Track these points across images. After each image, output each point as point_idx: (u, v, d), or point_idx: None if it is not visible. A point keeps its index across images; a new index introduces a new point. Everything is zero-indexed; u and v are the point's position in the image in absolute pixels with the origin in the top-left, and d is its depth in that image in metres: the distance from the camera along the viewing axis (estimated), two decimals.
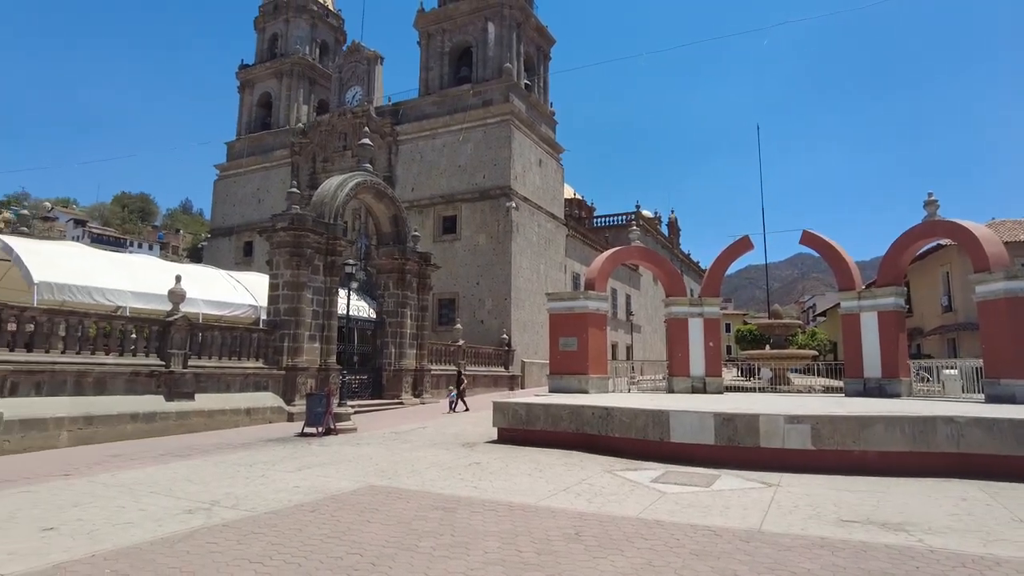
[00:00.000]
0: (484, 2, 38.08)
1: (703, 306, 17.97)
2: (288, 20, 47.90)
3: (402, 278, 24.39)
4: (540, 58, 42.00)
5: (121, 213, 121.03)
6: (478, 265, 34.75)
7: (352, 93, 41.67)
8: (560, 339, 17.29)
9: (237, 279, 23.55)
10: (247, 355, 18.28)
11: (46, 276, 16.31)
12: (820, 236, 17.43)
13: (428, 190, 37.15)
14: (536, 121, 39.04)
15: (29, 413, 12.56)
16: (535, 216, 37.37)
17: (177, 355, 15.73)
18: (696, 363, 17.76)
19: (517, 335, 33.94)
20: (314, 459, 10.97)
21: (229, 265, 40.77)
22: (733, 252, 18.36)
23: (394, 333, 24.06)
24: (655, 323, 56.68)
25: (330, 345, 20.38)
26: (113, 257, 22.12)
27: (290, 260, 19.50)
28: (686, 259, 76.51)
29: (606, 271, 18.27)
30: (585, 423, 11.84)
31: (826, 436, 9.58)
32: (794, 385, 22.56)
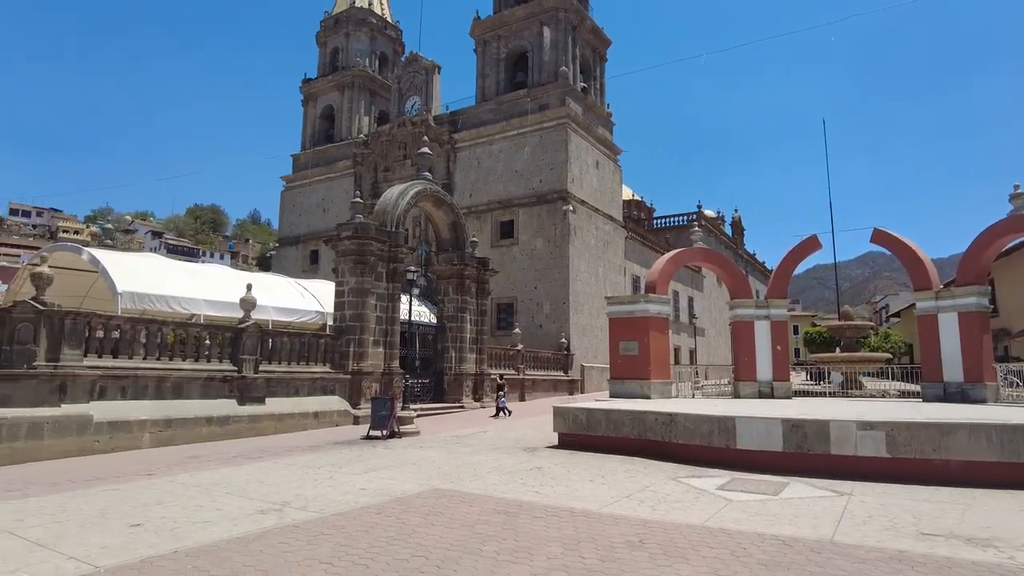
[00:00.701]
0: (539, 7, 38.21)
1: (769, 308, 17.45)
2: (348, 34, 49.31)
3: (461, 283, 24.68)
4: (596, 60, 41.79)
5: (194, 224, 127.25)
6: (536, 269, 34.81)
7: (411, 103, 42.51)
8: (620, 343, 17.11)
9: (304, 286, 24.36)
10: (314, 360, 18.86)
11: (128, 286, 17.31)
12: (892, 234, 16.65)
13: (485, 195, 37.50)
14: (593, 123, 38.85)
15: (116, 415, 13.33)
16: (593, 219, 37.16)
17: (248, 361, 16.38)
18: (763, 367, 17.26)
19: (576, 339, 33.80)
20: (379, 462, 11.22)
21: (296, 273, 42.21)
22: (800, 252, 17.77)
23: (454, 338, 24.36)
24: (719, 326, 55.33)
25: (393, 350, 20.82)
26: (187, 267, 23.29)
27: (354, 267, 20.03)
28: (751, 259, 74.43)
29: (667, 273, 17.99)
30: (648, 429, 11.67)
31: (902, 443, 9.14)
32: (867, 389, 21.58)
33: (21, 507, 7.61)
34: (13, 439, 11.64)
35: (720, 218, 67.46)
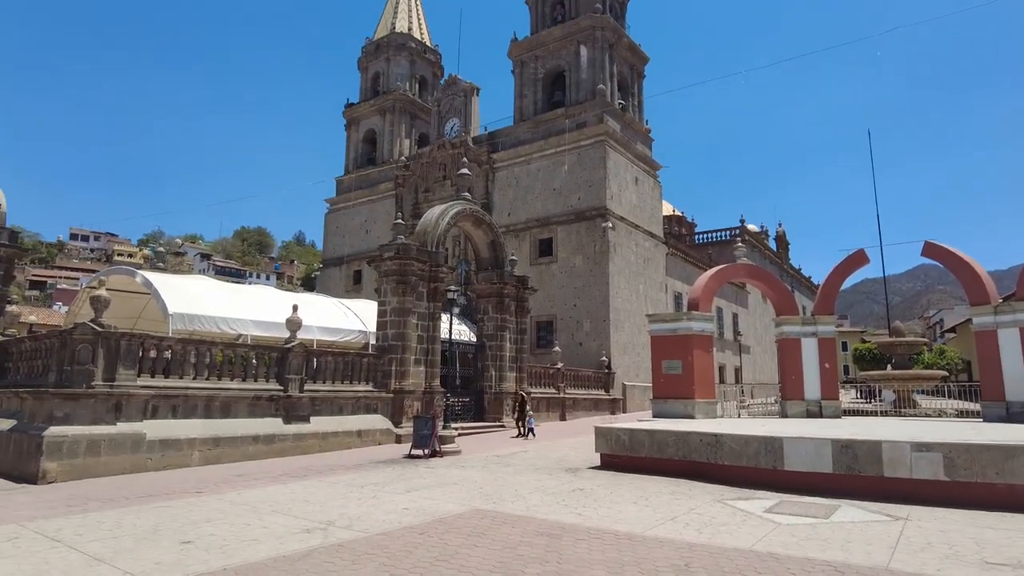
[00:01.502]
0: (576, 27, 38.49)
1: (816, 325, 17.03)
2: (389, 59, 50.46)
3: (500, 302, 24.77)
4: (634, 77, 41.79)
5: (241, 246, 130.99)
6: (575, 287, 34.69)
7: (450, 125, 43.15)
8: (663, 362, 16.89)
9: (347, 306, 24.79)
10: (357, 379, 19.13)
11: (179, 308, 17.91)
12: (944, 247, 16.11)
13: (524, 214, 37.66)
14: (631, 140, 38.76)
15: (167, 434, 13.74)
16: (632, 235, 36.93)
17: (294, 380, 16.71)
18: (811, 385, 16.81)
19: (617, 357, 33.46)
20: (421, 481, 11.28)
21: (339, 293, 43.00)
22: (847, 267, 17.32)
23: (494, 356, 24.40)
24: (765, 343, 54.08)
25: (434, 368, 20.97)
26: (235, 288, 23.99)
27: (396, 287, 20.32)
28: (797, 274, 72.77)
29: (710, 290, 17.73)
30: (692, 450, 11.45)
31: (962, 466, 8.75)
32: (921, 408, 20.78)
33: (81, 522, 7.90)
34: (73, 456, 12.10)
35: (764, 232, 66.26)
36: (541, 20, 41.33)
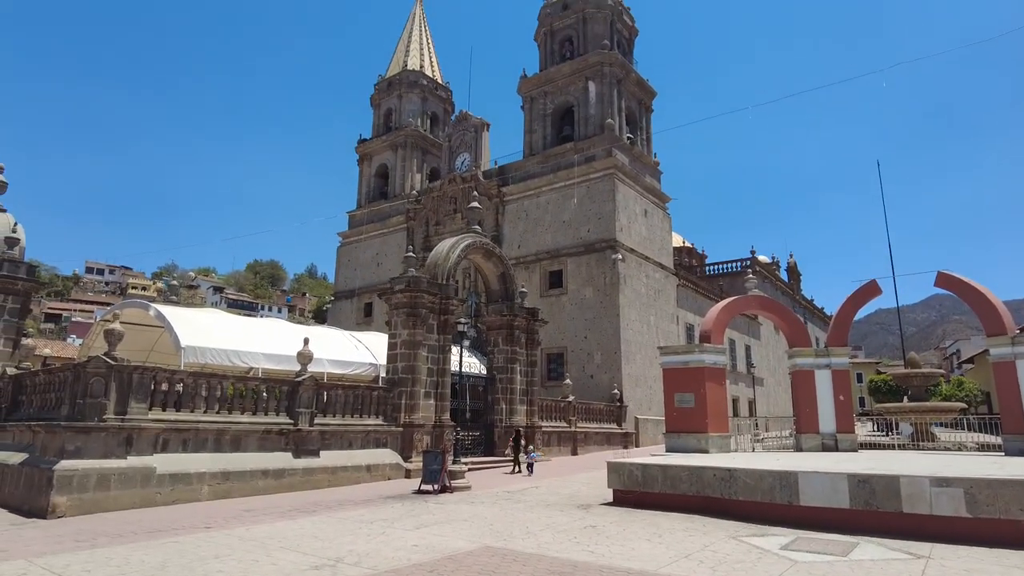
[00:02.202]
0: (584, 63, 39.14)
1: (830, 356, 16.86)
2: (401, 96, 51.43)
3: (511, 334, 24.73)
4: (642, 111, 42.29)
5: (254, 279, 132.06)
6: (585, 319, 34.61)
7: (461, 159, 43.71)
8: (676, 395, 16.74)
9: (358, 339, 24.85)
10: (367, 412, 19.05)
11: (191, 341, 18.03)
12: (958, 277, 15.99)
13: (534, 246, 37.83)
14: (640, 172, 39.04)
15: (177, 468, 13.70)
16: (643, 267, 36.94)
17: (304, 413, 16.67)
18: (825, 418, 16.57)
19: (629, 390, 33.17)
20: (431, 517, 11.14)
21: (350, 325, 43.13)
22: (859, 298, 17.21)
23: (504, 389, 24.27)
24: (778, 375, 53.49)
25: (444, 402, 20.86)
26: (246, 321, 24.14)
27: (407, 320, 20.36)
28: (809, 305, 72.27)
29: (722, 322, 17.64)
30: (706, 485, 11.27)
31: (984, 502, 8.54)
32: (940, 442, 20.37)
33: (89, 558, 7.85)
34: (83, 490, 12.08)
35: (775, 263, 66.04)
36: (550, 57, 42.09)
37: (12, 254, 20.02)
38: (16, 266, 19.99)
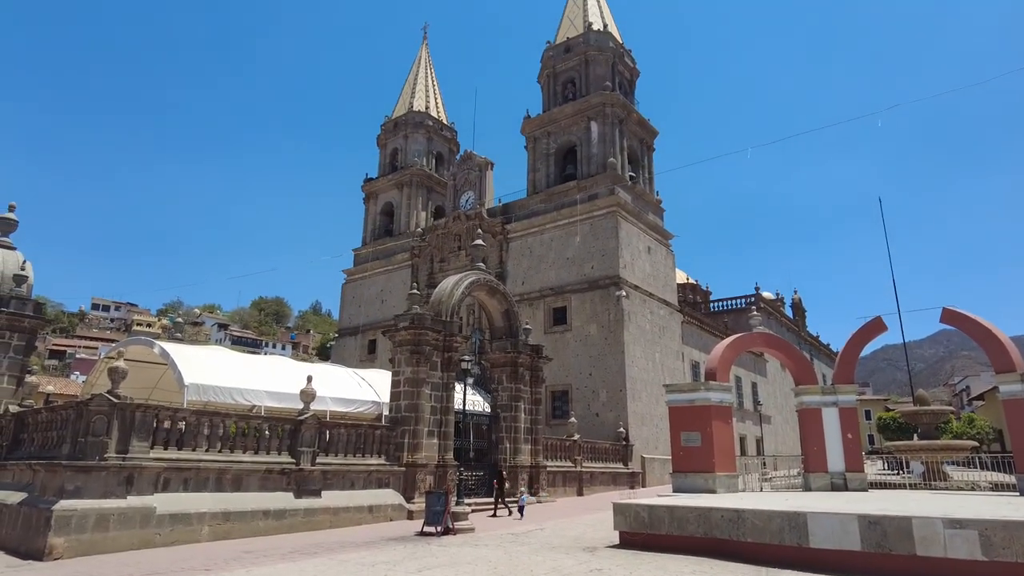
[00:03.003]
0: (586, 104, 39.83)
1: (837, 394, 16.69)
2: (407, 136, 52.29)
3: (515, 371, 24.59)
4: (643, 150, 42.83)
5: (258, 316, 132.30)
6: (590, 356, 34.46)
7: (466, 197, 44.18)
8: (682, 434, 16.55)
9: (361, 376, 24.75)
10: (370, 452, 18.86)
11: (195, 378, 17.98)
12: (963, 313, 15.93)
13: (538, 283, 37.91)
14: (643, 210, 39.34)
15: (177, 508, 13.53)
16: (647, 303, 36.92)
17: (306, 453, 16.51)
18: (834, 457, 16.33)
19: (635, 428, 32.80)
20: (433, 560, 10.93)
21: (354, 362, 43.02)
22: (864, 335, 17.13)
23: (508, 428, 24.02)
24: (786, 412, 52.89)
25: (447, 441, 20.64)
26: (250, 359, 24.10)
27: (410, 358, 20.30)
28: (815, 342, 71.89)
29: (727, 360, 17.54)
30: (714, 526, 11.05)
31: (1000, 545, 8.34)
32: (953, 481, 20.00)
33: None
34: (81, 531, 11.91)
35: (780, 300, 65.94)
36: (553, 98, 42.87)
37: (20, 291, 20.16)
38: (23, 303, 20.11)
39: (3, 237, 21.12)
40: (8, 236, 21.35)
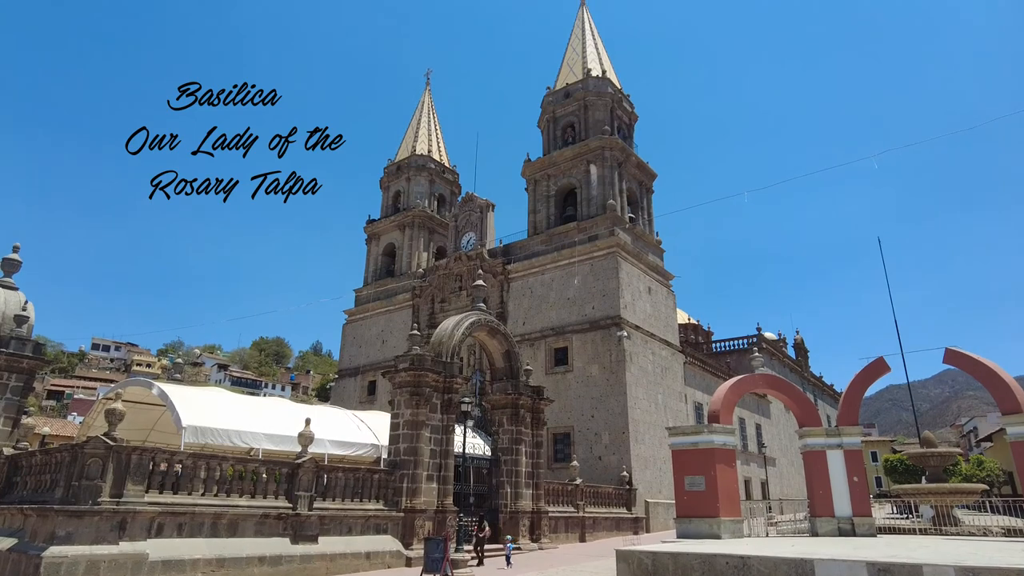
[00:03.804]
0: (585, 148, 40.43)
1: (841, 436, 16.46)
2: (409, 178, 52.98)
3: (516, 413, 24.34)
4: (643, 191, 43.29)
5: (258, 356, 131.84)
6: (592, 397, 34.15)
7: (467, 238, 44.50)
8: (685, 478, 16.27)
9: (360, 418, 24.50)
10: (368, 496, 18.54)
11: (193, 420, 17.81)
12: (966, 354, 15.83)
13: (539, 323, 37.84)
14: (643, 251, 39.53)
15: (171, 554, 13.24)
16: (648, 344, 36.77)
17: (303, 497, 16.23)
18: (840, 501, 15.99)
19: (638, 472, 32.28)
20: None
21: (353, 404, 42.67)
22: (867, 376, 16.99)
23: (509, 472, 23.65)
24: (791, 454, 52.15)
25: (447, 485, 20.30)
26: (249, 400, 23.92)
27: (410, 399, 20.13)
28: (818, 383, 71.35)
29: (730, 402, 17.36)
30: (719, 573, 10.76)
31: None
32: (964, 526, 19.53)
33: None
34: None
35: (782, 340, 65.74)
36: (553, 142, 43.58)
37: (20, 332, 20.13)
38: (23, 344, 20.06)
39: (6, 277, 21.20)
40: (11, 276, 21.44)
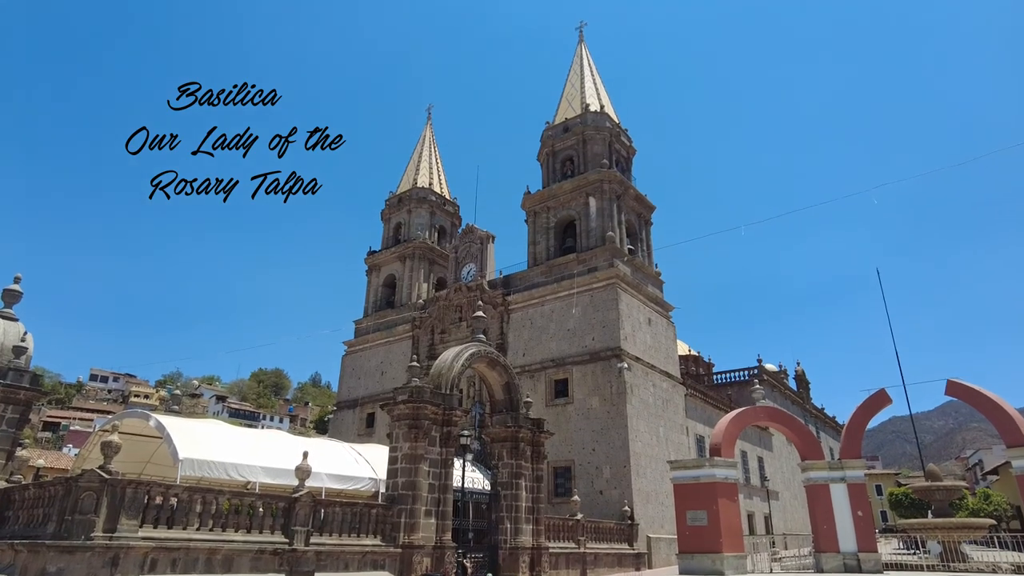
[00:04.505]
0: (584, 181, 40.80)
1: (844, 469, 16.32)
2: (410, 210, 53.37)
3: (516, 447, 24.08)
4: (641, 224, 43.56)
5: (257, 388, 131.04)
6: (593, 430, 33.85)
7: (467, 269, 44.63)
8: (687, 512, 16.09)
9: (359, 452, 24.25)
10: (365, 531, 18.26)
11: (190, 453, 17.62)
12: (968, 385, 15.77)
13: (539, 354, 37.71)
14: (642, 282, 39.61)
15: None
16: (649, 376, 36.59)
17: (300, 532, 15.99)
18: (845, 536, 15.78)
19: (640, 507, 31.82)
20: None
21: (352, 436, 42.25)
22: (869, 408, 16.91)
23: (509, 507, 23.30)
24: (794, 488, 51.48)
25: (445, 521, 19.99)
26: (247, 433, 23.74)
27: (408, 432, 19.94)
28: (820, 414, 70.78)
29: (732, 435, 17.24)
30: None
31: None
32: (972, 562, 19.20)
33: None
34: None
35: (783, 372, 65.41)
36: (552, 175, 44.02)
37: (18, 363, 20.04)
38: (20, 375, 19.95)
39: (6, 308, 21.19)
40: (11, 307, 21.43)
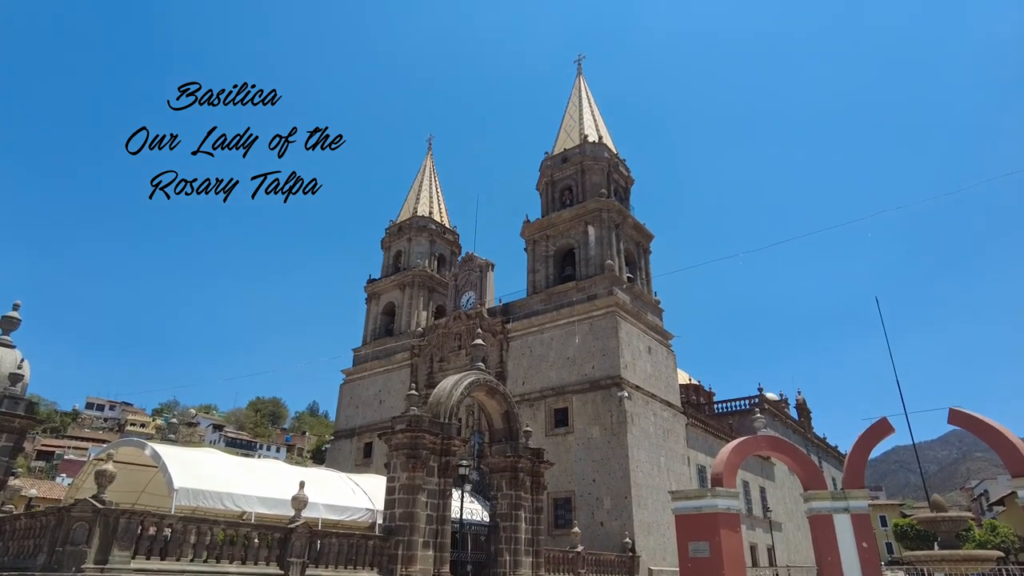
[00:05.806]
0: (583, 209, 41.06)
1: (848, 499, 16.10)
2: (410, 239, 53.59)
3: (515, 477, 23.78)
4: (640, 252, 43.71)
5: (254, 417, 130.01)
6: (593, 460, 33.48)
7: (467, 297, 44.64)
8: (689, 544, 15.83)
9: (356, 482, 23.95)
10: (362, 563, 17.94)
11: (185, 482, 17.39)
12: (971, 414, 15.66)
13: (538, 383, 37.49)
14: (642, 310, 39.58)
15: None
16: (650, 405, 36.33)
17: (295, 564, 15.71)
18: (850, 568, 15.50)
19: (641, 538, 31.33)
20: None
21: (349, 466, 41.79)
22: (871, 437, 16.75)
23: (508, 539, 22.92)
24: (797, 518, 50.74)
25: (443, 553, 19.65)
26: (243, 462, 23.42)
27: (406, 462, 19.71)
28: (822, 444, 70.12)
29: (733, 464, 17.05)
30: None
31: None
32: None
33: None
34: None
35: (784, 401, 65.01)
36: (551, 204, 44.32)
37: (14, 391, 19.89)
38: (15, 403, 19.78)
39: (4, 335, 21.11)
40: (9, 334, 21.35)
